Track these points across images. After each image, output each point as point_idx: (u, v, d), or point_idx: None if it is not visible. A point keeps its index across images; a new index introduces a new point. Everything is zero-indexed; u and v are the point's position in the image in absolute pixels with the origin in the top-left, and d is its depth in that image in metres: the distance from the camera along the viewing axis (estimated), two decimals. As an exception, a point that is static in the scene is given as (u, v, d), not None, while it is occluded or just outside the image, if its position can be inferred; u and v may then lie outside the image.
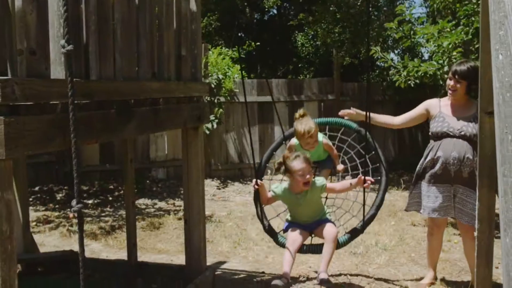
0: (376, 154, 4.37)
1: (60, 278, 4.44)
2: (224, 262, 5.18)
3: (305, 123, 4.23)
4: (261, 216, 4.38)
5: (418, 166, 4.35)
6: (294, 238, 4.15)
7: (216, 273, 4.67)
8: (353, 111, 4.48)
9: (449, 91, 4.25)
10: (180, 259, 5.15)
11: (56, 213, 7.44)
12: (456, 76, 4.17)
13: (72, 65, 2.14)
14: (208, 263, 4.68)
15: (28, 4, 2.40)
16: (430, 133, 4.34)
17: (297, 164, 3.90)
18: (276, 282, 3.91)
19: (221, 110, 9.26)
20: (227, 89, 9.70)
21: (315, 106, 10.68)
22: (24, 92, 2.34)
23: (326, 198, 4.70)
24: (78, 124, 2.53)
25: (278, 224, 4.83)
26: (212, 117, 9.12)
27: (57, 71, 2.67)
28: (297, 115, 4.37)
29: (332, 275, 4.79)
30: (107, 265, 4.75)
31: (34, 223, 6.66)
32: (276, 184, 4.36)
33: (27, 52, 2.42)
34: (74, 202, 2.26)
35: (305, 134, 4.20)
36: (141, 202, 8.31)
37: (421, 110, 4.47)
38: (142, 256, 5.25)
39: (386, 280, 4.65)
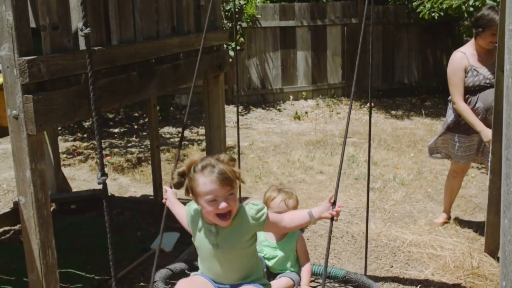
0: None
1: (92, 217, 4.73)
2: (246, 198, 5.40)
3: (283, 187, 2.79)
4: (154, 266, 2.54)
5: (451, 118, 4.25)
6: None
7: (238, 210, 4.91)
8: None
9: (490, 44, 4.09)
10: (204, 194, 5.38)
11: (85, 144, 7.71)
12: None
13: (90, 48, 2.22)
14: (230, 200, 4.91)
15: (48, -21, 2.45)
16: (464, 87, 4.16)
17: (204, 181, 2.12)
18: None
19: (242, 39, 9.21)
20: (249, 15, 9.60)
21: (338, 30, 10.52)
22: (49, 69, 2.45)
23: None
24: (101, 93, 2.66)
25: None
26: (233, 45, 9.12)
27: (80, 40, 2.76)
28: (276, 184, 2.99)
29: (349, 211, 5.00)
30: (134, 203, 5.02)
31: (64, 156, 6.95)
32: None
33: (50, 27, 2.50)
34: (99, 174, 2.40)
35: (276, 199, 2.72)
36: (166, 130, 8.53)
37: (462, 74, 4.16)
38: (168, 192, 5.50)
39: (401, 218, 4.83)
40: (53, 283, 2.60)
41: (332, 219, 2.21)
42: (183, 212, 2.43)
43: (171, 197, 2.54)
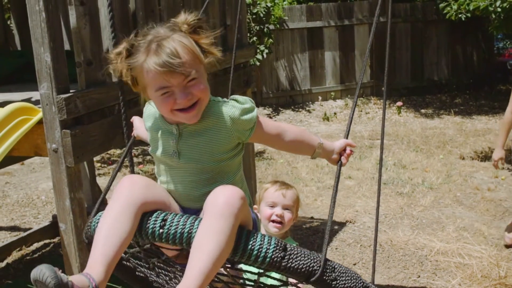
0: None
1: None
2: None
3: (285, 184, 2.38)
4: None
5: None
6: (130, 189, 1.57)
7: (268, 219, 5.02)
8: None
9: None
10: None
11: (118, 151, 7.93)
12: None
13: (123, 86, 2.36)
14: (260, 209, 5.03)
15: (81, 19, 2.61)
16: None
17: (147, 67, 1.51)
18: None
19: (270, 40, 9.31)
20: (276, 17, 9.69)
21: (365, 29, 10.53)
22: (85, 104, 2.61)
23: None
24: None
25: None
26: (262, 47, 9.22)
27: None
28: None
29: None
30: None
31: (99, 165, 7.17)
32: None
33: (84, 63, 2.65)
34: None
35: (271, 188, 2.34)
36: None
37: None
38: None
39: (429, 225, 4.87)
40: (93, 303, 2.76)
41: (340, 164, 1.82)
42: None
43: (138, 124, 1.96)
